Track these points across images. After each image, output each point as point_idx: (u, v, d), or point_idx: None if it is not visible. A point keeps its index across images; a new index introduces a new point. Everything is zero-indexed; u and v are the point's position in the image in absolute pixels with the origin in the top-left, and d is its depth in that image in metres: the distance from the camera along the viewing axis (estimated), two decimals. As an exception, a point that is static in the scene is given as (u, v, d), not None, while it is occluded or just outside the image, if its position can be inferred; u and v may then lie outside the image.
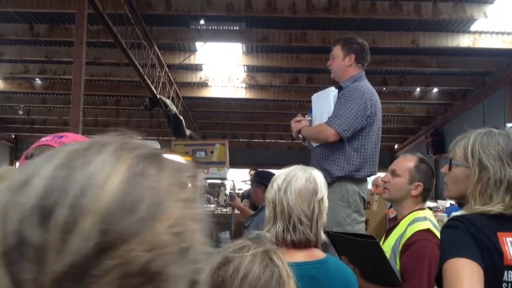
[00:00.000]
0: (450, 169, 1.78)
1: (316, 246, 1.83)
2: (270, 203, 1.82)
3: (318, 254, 1.81)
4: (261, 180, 4.52)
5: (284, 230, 1.76)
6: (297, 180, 1.80)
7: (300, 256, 1.77)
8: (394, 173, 2.56)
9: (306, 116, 3.60)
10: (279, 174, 1.88)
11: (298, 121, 3.56)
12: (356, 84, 3.36)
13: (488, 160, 1.62)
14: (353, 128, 3.24)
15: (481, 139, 1.68)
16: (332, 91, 3.40)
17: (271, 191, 1.83)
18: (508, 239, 1.52)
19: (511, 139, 1.66)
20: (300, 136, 3.55)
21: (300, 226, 1.76)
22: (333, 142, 3.28)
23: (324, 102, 3.43)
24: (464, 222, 1.55)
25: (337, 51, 3.47)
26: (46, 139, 1.38)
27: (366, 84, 3.41)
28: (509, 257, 1.49)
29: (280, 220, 1.78)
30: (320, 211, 1.81)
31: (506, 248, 1.50)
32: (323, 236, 1.85)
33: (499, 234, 1.53)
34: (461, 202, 1.80)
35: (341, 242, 2.23)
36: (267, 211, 1.84)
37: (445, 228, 1.63)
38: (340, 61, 3.45)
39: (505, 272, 1.48)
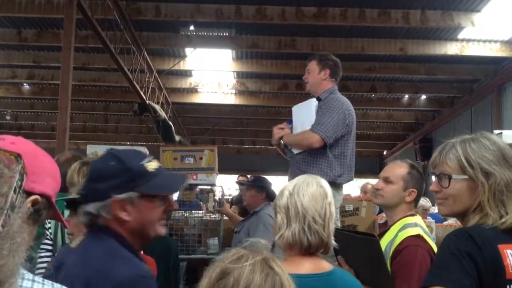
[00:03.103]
0: (441, 185, 1.65)
1: (326, 252, 1.86)
2: (282, 209, 1.85)
3: (324, 265, 1.83)
4: (264, 185, 4.57)
5: (299, 231, 1.79)
6: (308, 185, 1.87)
7: (306, 267, 1.78)
8: (387, 180, 2.59)
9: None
10: (288, 184, 1.93)
11: (281, 128, 3.70)
12: (334, 96, 3.60)
13: (490, 166, 1.56)
14: (335, 135, 3.43)
15: (471, 147, 1.61)
16: (314, 102, 3.59)
17: (282, 198, 1.87)
18: (509, 251, 1.47)
19: (496, 141, 1.63)
20: (282, 142, 3.68)
21: (315, 225, 1.80)
22: (315, 149, 3.43)
23: (306, 112, 3.60)
24: (464, 241, 1.48)
25: (313, 66, 3.70)
26: None
27: (342, 96, 3.65)
28: (511, 271, 1.45)
29: (295, 222, 1.81)
30: (330, 214, 1.85)
31: (508, 261, 1.45)
32: (333, 243, 1.87)
33: (500, 246, 1.47)
34: (459, 216, 1.68)
35: (339, 239, 2.21)
36: (278, 218, 1.86)
37: (444, 245, 1.54)
38: (316, 75, 3.67)
39: (507, 287, 1.44)
